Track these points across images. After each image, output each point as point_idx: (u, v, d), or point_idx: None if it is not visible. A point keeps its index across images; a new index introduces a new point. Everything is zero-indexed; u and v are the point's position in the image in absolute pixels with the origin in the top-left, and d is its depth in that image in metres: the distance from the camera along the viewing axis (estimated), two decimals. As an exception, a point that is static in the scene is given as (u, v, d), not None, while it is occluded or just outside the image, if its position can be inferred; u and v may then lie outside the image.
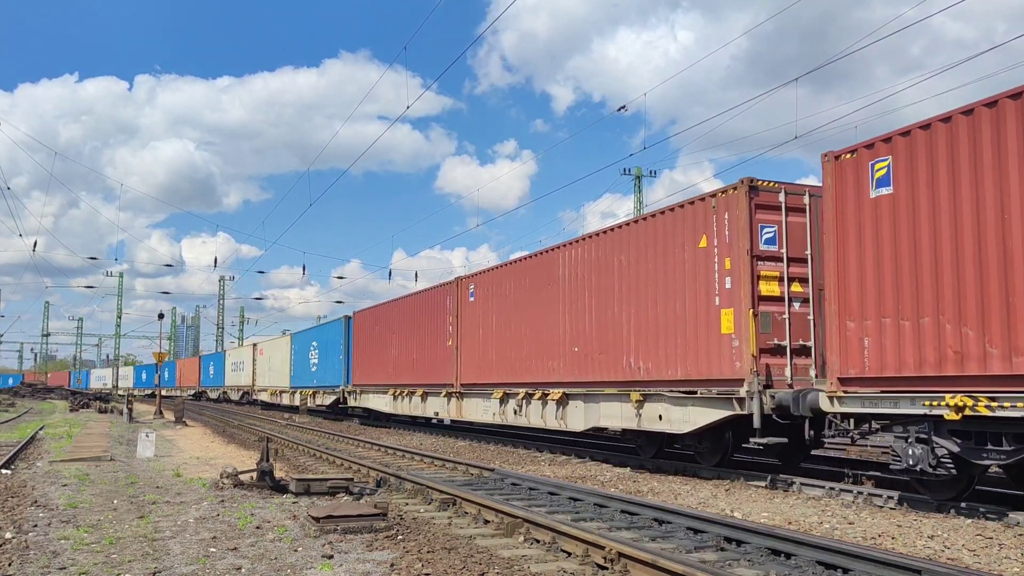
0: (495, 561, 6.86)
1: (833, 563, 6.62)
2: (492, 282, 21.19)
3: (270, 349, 47.45)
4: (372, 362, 30.27)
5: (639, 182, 40.88)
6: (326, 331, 37.00)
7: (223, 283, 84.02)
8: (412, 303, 27.05)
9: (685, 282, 13.62)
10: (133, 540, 7.79)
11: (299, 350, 40.69)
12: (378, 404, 29.69)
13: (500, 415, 20.18)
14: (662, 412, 13.97)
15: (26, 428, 26.92)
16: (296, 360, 41.04)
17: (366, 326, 31.40)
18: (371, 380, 30.23)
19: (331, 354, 34.84)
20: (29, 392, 77.33)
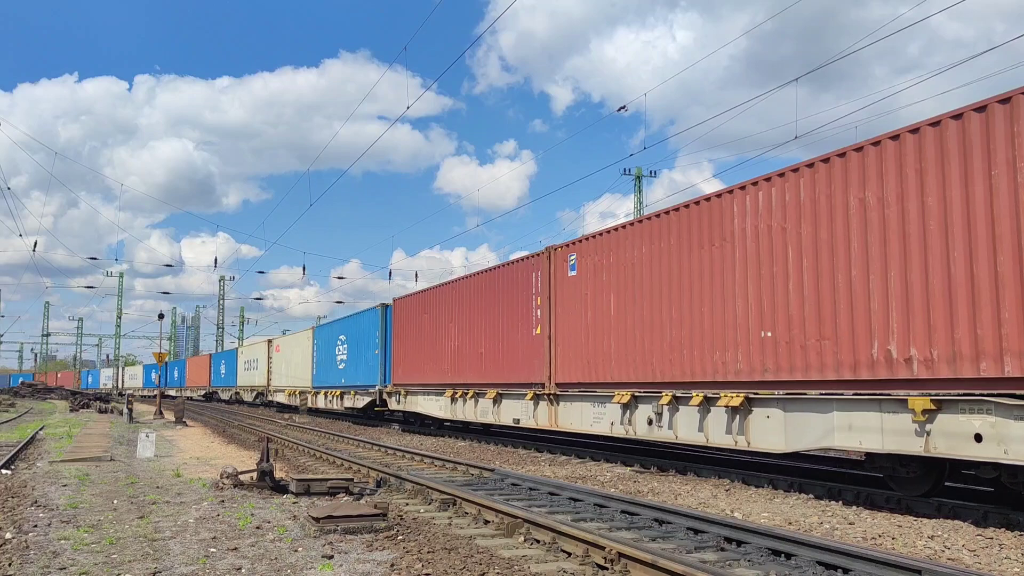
0: (495, 561, 6.86)
1: (833, 563, 6.62)
2: (607, 248, 16.02)
3: (288, 345, 43.43)
4: (420, 357, 25.38)
5: (639, 182, 40.89)
6: (357, 323, 31.82)
7: (223, 283, 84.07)
8: (478, 283, 21.85)
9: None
10: (133, 540, 7.79)
11: (323, 345, 36.21)
12: (429, 408, 24.84)
13: (623, 426, 15.05)
14: (984, 429, 8.87)
15: (26, 428, 26.92)
16: (320, 357, 36.61)
17: (411, 314, 26.51)
18: (419, 379, 25.48)
19: (363, 349, 30.54)
20: (29, 392, 77.31)
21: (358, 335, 31.45)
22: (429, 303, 25.02)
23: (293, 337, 43.57)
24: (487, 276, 21.47)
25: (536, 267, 18.70)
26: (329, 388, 34.87)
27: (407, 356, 26.58)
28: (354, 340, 31.80)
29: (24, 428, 27.27)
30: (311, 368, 37.92)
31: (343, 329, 33.63)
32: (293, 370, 41.26)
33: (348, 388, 32.12)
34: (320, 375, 36.49)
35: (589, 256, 16.63)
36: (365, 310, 31.44)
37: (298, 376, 40.12)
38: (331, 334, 35.28)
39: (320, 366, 36.54)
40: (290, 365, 41.98)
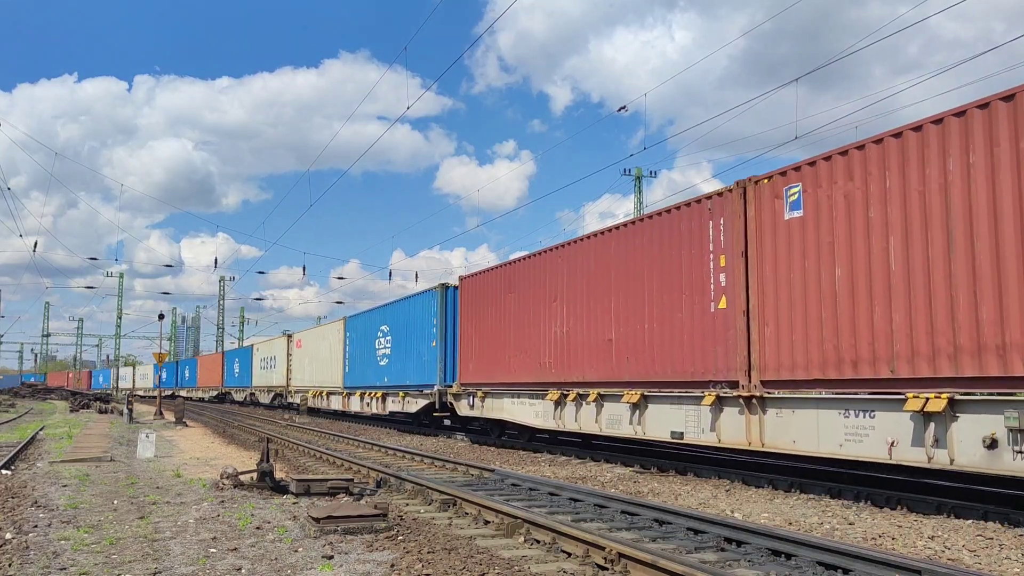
0: (495, 562, 6.86)
1: (833, 563, 6.62)
2: (869, 167, 10.60)
3: (312, 340, 38.32)
4: (503, 349, 19.69)
5: (639, 182, 40.89)
6: (407, 309, 26.40)
7: (223, 283, 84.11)
8: (602, 246, 16.09)
9: None
10: (133, 540, 7.79)
11: (358, 338, 31.32)
12: (520, 414, 18.92)
13: (924, 449, 9.52)
14: None
15: (26, 429, 26.92)
16: (353, 352, 31.80)
17: (487, 295, 20.85)
18: (501, 376, 19.74)
19: (415, 341, 25.31)
20: (29, 392, 77.32)
21: (407, 324, 26.09)
22: (516, 279, 19.42)
23: (319, 330, 38.19)
24: (620, 234, 15.57)
25: (716, 212, 13.15)
26: (367, 389, 29.85)
27: (483, 348, 20.71)
28: (401, 330, 26.55)
29: (24, 428, 27.27)
30: (342, 366, 33.01)
31: (386, 318, 28.28)
32: (319, 368, 36.45)
33: (393, 389, 27.00)
34: (354, 373, 31.53)
35: (830, 183, 11.13)
36: (417, 293, 25.85)
37: (325, 375, 35.19)
38: (369, 325, 30.14)
39: (354, 363, 31.62)
40: (315, 362, 37.23)
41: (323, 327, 37.55)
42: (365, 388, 30.22)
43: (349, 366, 32.37)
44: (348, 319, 33.13)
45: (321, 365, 36.24)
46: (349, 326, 32.90)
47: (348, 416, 36.20)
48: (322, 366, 36.03)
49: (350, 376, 32.21)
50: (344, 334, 33.21)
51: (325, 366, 35.51)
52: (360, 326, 31.51)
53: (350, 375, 32.22)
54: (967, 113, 9.47)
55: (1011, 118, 9.00)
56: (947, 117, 9.68)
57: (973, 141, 9.37)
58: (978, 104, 9.36)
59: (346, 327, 33.11)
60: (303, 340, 40.17)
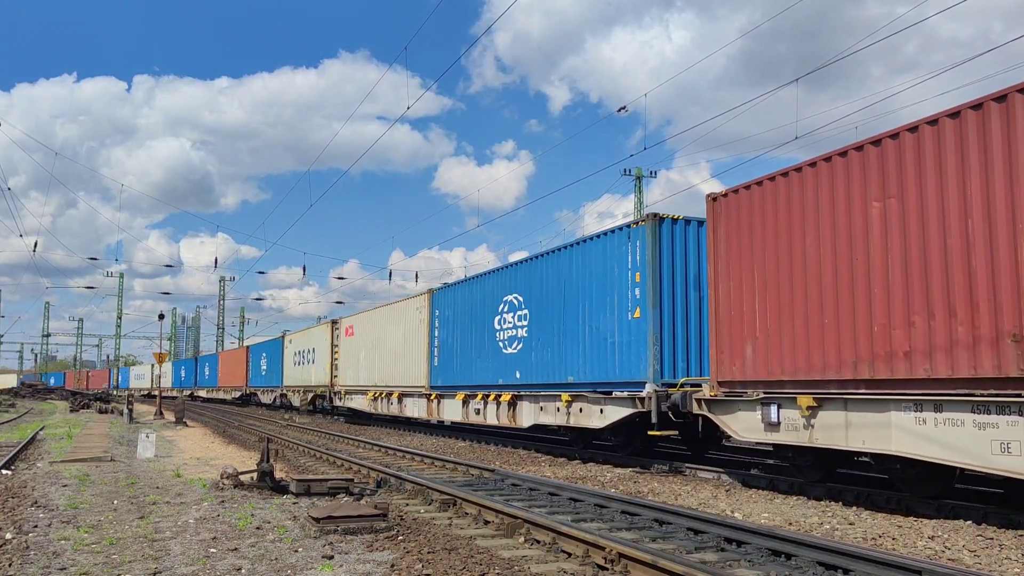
0: (495, 562, 6.86)
1: (833, 564, 6.62)
2: None
3: (372, 325, 29.91)
4: (866, 309, 10.07)
5: (639, 183, 40.90)
6: (562, 266, 17.30)
7: (223, 283, 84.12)
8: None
9: None
10: (133, 540, 7.79)
11: (457, 317, 22.56)
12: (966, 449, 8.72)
13: None
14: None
15: (26, 429, 26.92)
16: (448, 338, 23.13)
17: (805, 212, 11.11)
18: (874, 361, 9.90)
19: (588, 313, 16.19)
20: (29, 392, 77.38)
21: (566, 287, 16.96)
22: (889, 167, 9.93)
23: (384, 311, 29.22)
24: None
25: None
26: (476, 389, 20.79)
27: (792, 311, 11.32)
28: (552, 298, 17.46)
29: (24, 428, 27.28)
30: (427, 358, 24.39)
31: (516, 282, 19.32)
32: (385, 362, 28.19)
33: (535, 389, 17.97)
34: (448, 368, 22.89)
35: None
36: (588, 238, 16.51)
37: (395, 371, 27.06)
38: (480, 296, 21.26)
39: (449, 353, 22.98)
40: (377, 354, 28.99)
41: (393, 306, 28.40)
42: (473, 389, 21.06)
43: (439, 358, 23.64)
44: (437, 292, 24.67)
45: (388, 358, 27.84)
46: (440, 301, 24.13)
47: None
48: (390, 359, 27.60)
49: (441, 372, 23.48)
50: (430, 313, 24.44)
51: (396, 359, 27.06)
52: (461, 299, 22.52)
53: (441, 371, 23.51)
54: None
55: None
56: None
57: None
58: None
59: (433, 303, 24.50)
60: (356, 326, 31.65)
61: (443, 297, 24.16)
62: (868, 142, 10.34)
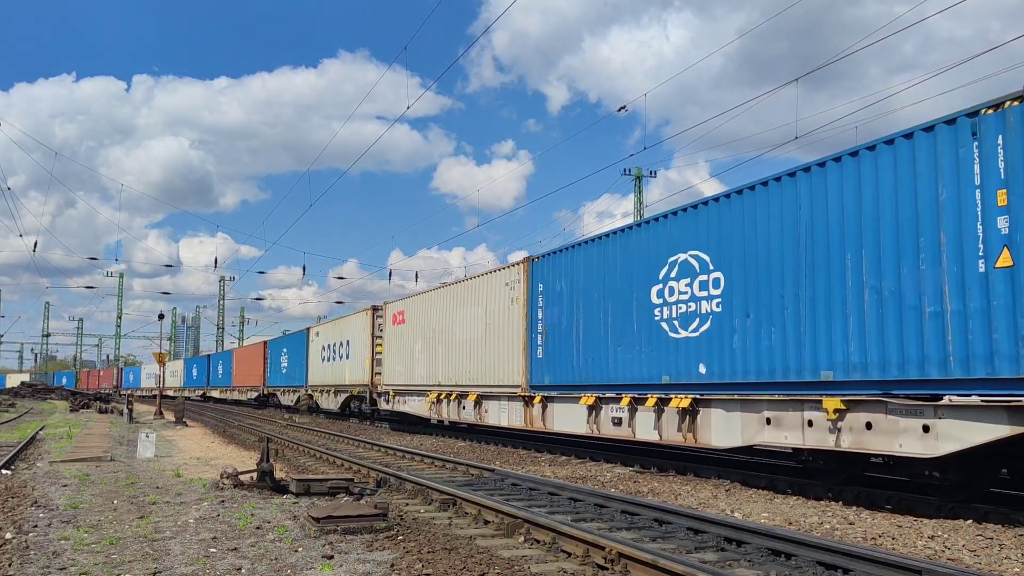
0: (495, 561, 6.86)
1: (833, 563, 6.62)
2: None
3: (429, 310, 24.33)
4: None
5: (639, 182, 40.89)
6: (803, 192, 11.41)
7: (223, 283, 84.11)
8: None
9: None
10: (133, 540, 7.79)
11: (578, 291, 16.87)
12: None
13: None
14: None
15: (26, 428, 26.92)
16: (558, 320, 17.50)
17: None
18: None
19: (871, 272, 10.35)
20: (29, 392, 77.31)
21: (804, 229, 11.50)
22: None
23: (452, 291, 23.11)
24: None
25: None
26: (621, 390, 15.18)
27: None
28: (774, 251, 12.02)
29: (24, 428, 27.28)
30: (523, 348, 18.61)
31: (696, 235, 13.68)
32: (455, 355, 22.31)
33: (752, 391, 12.24)
34: (565, 360, 17.09)
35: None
36: (878, 143, 10.43)
37: (473, 365, 21.19)
38: (624, 259, 15.44)
39: (566, 340, 17.09)
40: (444, 345, 22.98)
41: (467, 283, 22.31)
42: (609, 389, 15.47)
43: (545, 348, 17.81)
44: (541, 260, 18.44)
45: (460, 350, 21.94)
46: (545, 272, 18.09)
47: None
48: (463, 351, 21.75)
49: (547, 366, 17.65)
50: (528, 289, 18.63)
51: (471, 351, 21.26)
52: (585, 267, 16.57)
53: (547, 365, 17.66)
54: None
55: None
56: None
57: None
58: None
59: (535, 275, 18.49)
60: (409, 311, 25.97)
61: (551, 266, 17.91)
62: None
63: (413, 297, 26.58)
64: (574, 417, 16.77)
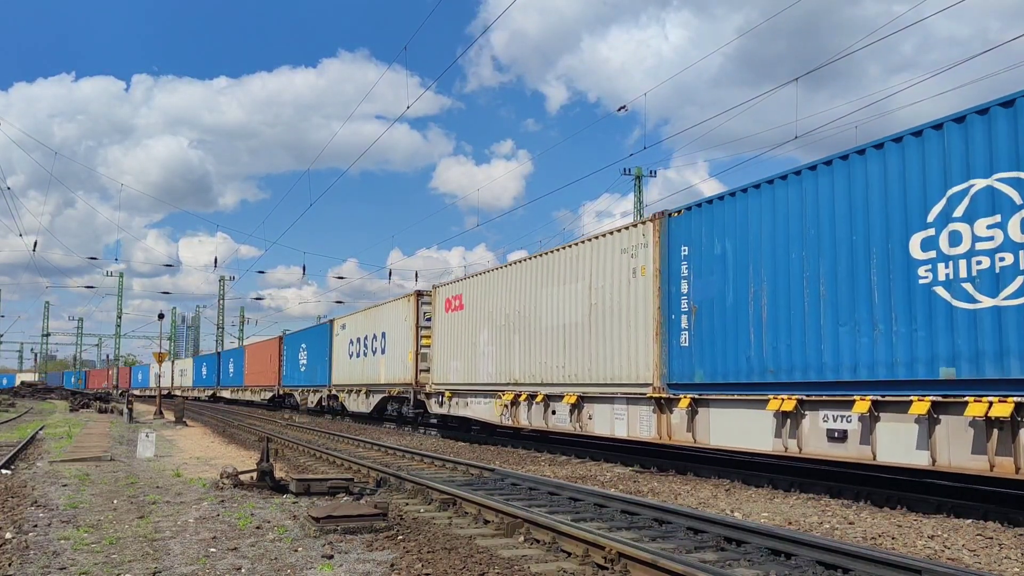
0: (495, 561, 6.86)
1: (833, 563, 6.62)
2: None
3: (499, 291, 19.98)
4: None
5: (639, 182, 40.88)
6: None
7: (223, 283, 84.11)
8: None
9: None
10: (133, 540, 7.79)
11: (752, 250, 12.35)
12: None
13: None
14: None
15: (26, 428, 26.92)
16: (727, 293, 12.73)
17: None
18: None
19: None
20: (29, 392, 77.29)
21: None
22: None
23: (532, 264, 18.53)
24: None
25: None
26: (849, 390, 10.58)
27: None
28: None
29: (24, 428, 27.28)
30: (654, 335, 14.19)
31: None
32: (540, 346, 17.87)
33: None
34: (728, 348, 12.71)
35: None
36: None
37: (568, 358, 16.81)
38: (845, 199, 10.92)
39: (730, 322, 12.70)
40: (524, 333, 18.56)
41: (555, 254, 17.58)
42: (820, 390, 11.15)
43: (693, 333, 13.43)
44: (683, 216, 13.88)
45: (550, 338, 17.42)
46: (690, 230, 13.69)
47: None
48: (556, 339, 17.19)
49: (697, 357, 13.34)
50: (661, 255, 14.22)
51: (568, 339, 16.77)
52: (764, 216, 12.27)
53: (697, 355, 13.34)
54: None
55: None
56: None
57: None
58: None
59: (671, 236, 14.09)
60: (468, 294, 21.67)
61: (704, 221, 13.35)
62: None
63: (475, 277, 21.70)
64: (750, 427, 12.16)
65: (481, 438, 20.11)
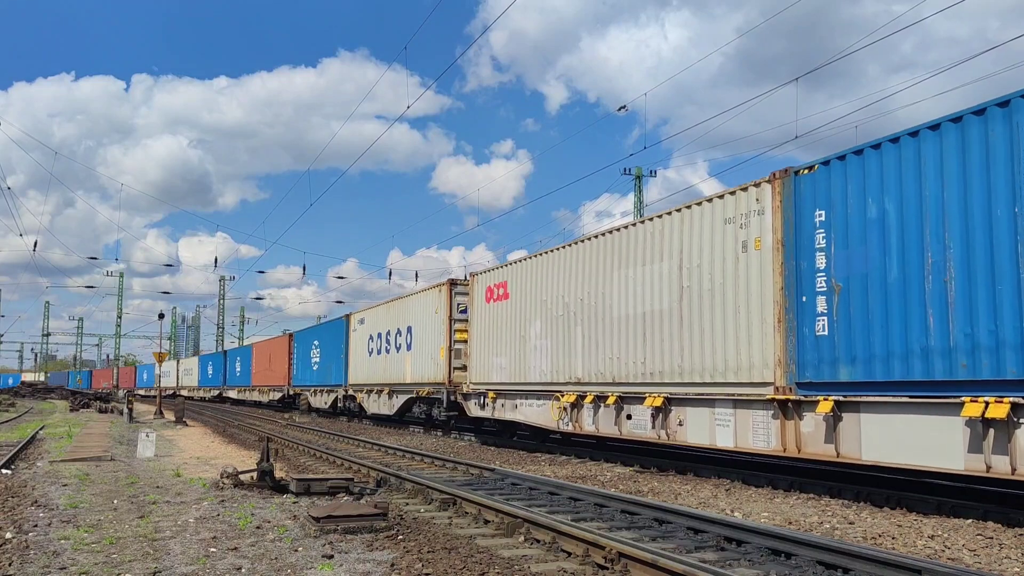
0: (495, 561, 6.86)
1: (833, 563, 6.62)
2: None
3: (553, 274, 17.47)
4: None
5: (639, 182, 40.88)
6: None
7: (223, 283, 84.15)
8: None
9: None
10: (133, 540, 7.79)
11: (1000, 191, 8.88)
12: None
13: None
14: None
15: (26, 428, 26.93)
16: (888, 265, 10.00)
17: None
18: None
19: None
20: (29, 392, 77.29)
21: None
22: None
23: (591, 246, 16.25)
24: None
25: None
26: None
27: None
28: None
29: (24, 428, 27.28)
30: (778, 320, 11.48)
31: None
32: (613, 339, 15.29)
33: None
34: (904, 335, 9.75)
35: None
36: None
37: (649, 354, 14.23)
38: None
39: (915, 302, 9.70)
40: (587, 325, 16.11)
41: (641, 227, 14.84)
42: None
43: (839, 316, 10.70)
44: (811, 173, 11.31)
45: (625, 329, 14.88)
46: (824, 189, 11.09)
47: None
48: (632, 331, 14.68)
49: (838, 347, 10.65)
50: (783, 220, 11.62)
51: (652, 329, 14.19)
52: (959, 156, 9.41)
53: (839, 345, 10.65)
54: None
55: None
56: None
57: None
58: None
59: (799, 198, 11.44)
60: (514, 281, 19.22)
61: (852, 177, 10.72)
62: None
63: (523, 262, 19.10)
64: (928, 439, 9.47)
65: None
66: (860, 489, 10.99)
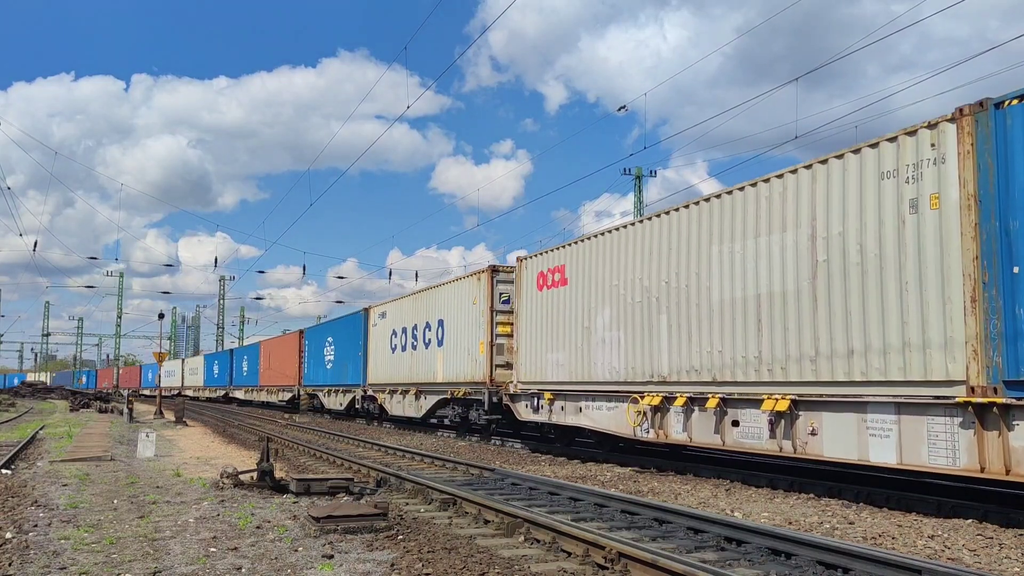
0: (495, 561, 6.86)
1: (833, 563, 6.62)
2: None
3: (609, 259, 15.37)
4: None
5: (639, 182, 40.88)
6: None
7: (223, 283, 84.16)
8: None
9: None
10: (133, 540, 7.79)
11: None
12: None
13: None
14: None
15: (26, 428, 26.92)
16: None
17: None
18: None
19: None
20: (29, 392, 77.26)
21: None
22: None
23: (679, 217, 13.53)
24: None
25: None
26: None
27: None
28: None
29: (24, 428, 27.28)
30: (972, 303, 8.77)
31: None
32: (710, 329, 12.67)
33: None
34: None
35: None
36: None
37: (764, 346, 11.60)
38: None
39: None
40: (675, 313, 13.50)
41: (750, 190, 12.12)
42: None
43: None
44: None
45: (728, 316, 12.40)
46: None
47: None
48: (738, 319, 12.19)
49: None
50: (977, 171, 8.85)
51: (767, 316, 11.66)
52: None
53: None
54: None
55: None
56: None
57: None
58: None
59: (1013, 139, 8.53)
60: (573, 264, 16.86)
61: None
62: None
63: (586, 241, 16.51)
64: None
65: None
66: (860, 489, 10.99)
